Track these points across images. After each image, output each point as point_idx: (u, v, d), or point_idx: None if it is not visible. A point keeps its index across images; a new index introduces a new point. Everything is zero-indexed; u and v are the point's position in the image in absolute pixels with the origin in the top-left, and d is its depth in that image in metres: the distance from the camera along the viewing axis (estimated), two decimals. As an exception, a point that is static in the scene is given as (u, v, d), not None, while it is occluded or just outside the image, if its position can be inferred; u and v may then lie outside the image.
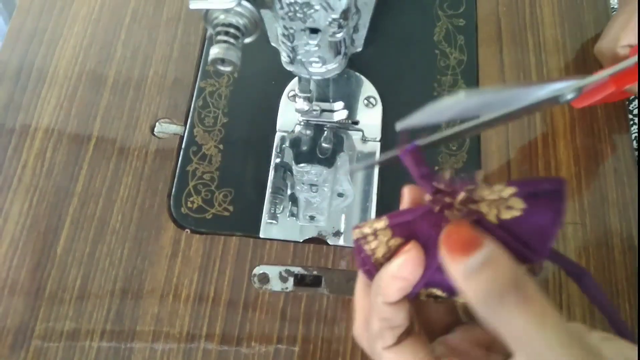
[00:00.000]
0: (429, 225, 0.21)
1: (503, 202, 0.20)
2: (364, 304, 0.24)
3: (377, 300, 0.22)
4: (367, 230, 0.22)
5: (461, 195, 0.20)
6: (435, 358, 0.22)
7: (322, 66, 0.35)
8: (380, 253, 0.22)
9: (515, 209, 0.20)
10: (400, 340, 0.22)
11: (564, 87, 0.20)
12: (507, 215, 0.20)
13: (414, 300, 0.23)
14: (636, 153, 0.45)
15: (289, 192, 0.43)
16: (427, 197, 0.21)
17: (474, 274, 0.18)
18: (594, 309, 0.39)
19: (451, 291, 0.22)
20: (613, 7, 0.52)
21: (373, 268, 0.23)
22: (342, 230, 0.42)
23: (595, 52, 0.44)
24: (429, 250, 0.21)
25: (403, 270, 0.21)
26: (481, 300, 0.18)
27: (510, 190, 0.20)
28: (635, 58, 0.24)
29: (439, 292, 0.22)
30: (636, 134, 0.48)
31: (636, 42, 0.40)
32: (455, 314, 0.25)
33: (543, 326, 0.18)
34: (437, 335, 0.24)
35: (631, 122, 0.47)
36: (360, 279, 0.25)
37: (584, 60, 0.48)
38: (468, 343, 0.22)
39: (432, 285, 0.22)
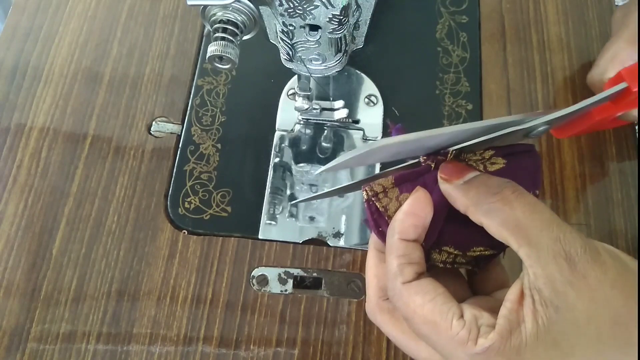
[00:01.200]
0: (431, 181, 0.24)
1: (486, 160, 0.24)
2: (377, 271, 0.26)
3: (394, 238, 0.23)
4: (377, 188, 0.24)
5: (451, 153, 0.24)
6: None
7: (322, 64, 0.35)
8: (392, 209, 0.24)
9: (498, 163, 0.24)
10: (419, 277, 0.23)
11: (523, 125, 0.23)
12: (492, 168, 0.24)
13: (430, 266, 0.24)
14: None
15: (288, 192, 0.42)
16: (422, 158, 0.24)
17: (469, 183, 0.22)
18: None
19: (461, 245, 0.24)
20: (617, 5, 0.51)
21: (386, 226, 0.24)
22: (342, 231, 0.41)
23: (588, 82, 0.42)
24: (435, 206, 0.23)
25: (414, 206, 0.23)
26: (478, 199, 0.22)
27: (490, 152, 0.24)
28: (614, 89, 0.26)
29: (451, 250, 0.24)
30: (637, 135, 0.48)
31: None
32: (465, 289, 0.27)
33: (533, 212, 0.21)
34: None
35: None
36: (372, 248, 0.27)
37: (588, 58, 0.47)
38: (486, 304, 0.24)
39: (443, 243, 0.24)
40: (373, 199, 0.24)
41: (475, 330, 0.21)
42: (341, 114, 0.42)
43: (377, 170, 0.43)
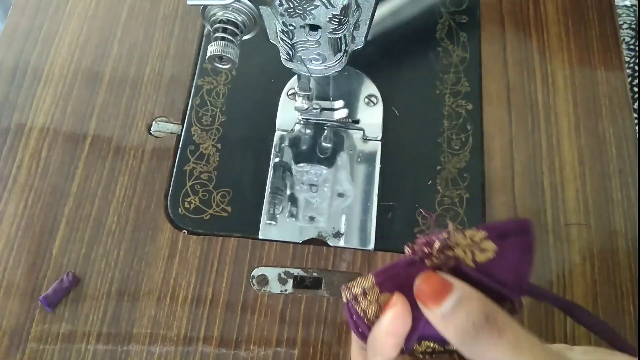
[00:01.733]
0: (414, 277, 0.22)
1: (476, 245, 0.22)
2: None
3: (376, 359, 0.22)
4: (356, 290, 0.23)
5: (437, 244, 0.22)
6: None
7: (322, 64, 0.34)
8: (371, 312, 0.23)
9: (488, 250, 0.22)
10: None
11: None
12: (482, 257, 0.22)
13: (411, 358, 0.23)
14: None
15: (288, 192, 0.42)
16: (407, 249, 0.23)
17: (449, 317, 0.20)
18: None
19: (443, 341, 0.22)
20: (617, 5, 0.51)
21: (366, 329, 0.23)
22: (342, 231, 0.41)
23: None
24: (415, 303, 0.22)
25: (394, 325, 0.22)
26: (460, 340, 0.20)
27: (481, 234, 0.22)
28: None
29: (432, 344, 0.23)
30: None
31: None
32: None
33: (519, 353, 0.19)
34: None
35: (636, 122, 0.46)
36: (355, 342, 0.26)
37: (588, 58, 0.47)
38: None
39: (425, 338, 0.23)
40: (352, 302, 0.23)
41: None
42: (341, 114, 0.42)
43: (377, 171, 0.43)
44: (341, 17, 0.29)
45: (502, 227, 0.22)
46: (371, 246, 0.40)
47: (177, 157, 0.43)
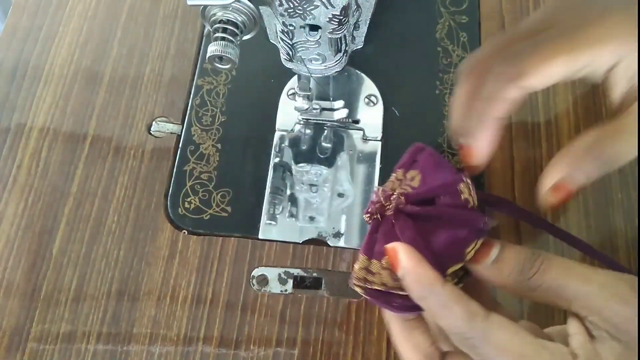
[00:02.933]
0: (389, 232, 0.24)
1: (405, 180, 0.26)
2: (416, 341, 0.24)
3: (444, 287, 0.23)
4: (360, 274, 0.24)
5: (380, 193, 0.25)
6: None
7: (322, 64, 0.35)
8: (387, 279, 0.23)
9: (414, 176, 0.25)
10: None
11: None
12: (415, 182, 0.25)
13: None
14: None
15: (288, 192, 0.42)
16: (365, 217, 0.25)
17: (499, 264, 0.24)
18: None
19: (456, 255, 0.24)
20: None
21: (397, 297, 0.24)
22: (342, 231, 0.41)
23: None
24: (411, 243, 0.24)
25: (411, 259, 0.23)
26: (520, 281, 0.23)
27: (399, 171, 0.26)
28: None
29: (454, 267, 0.24)
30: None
31: None
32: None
33: (571, 266, 0.23)
34: None
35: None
36: (394, 321, 0.25)
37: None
38: None
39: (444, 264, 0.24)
40: (366, 285, 0.24)
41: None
42: (341, 114, 0.42)
43: (377, 171, 0.43)
44: (341, 17, 0.29)
45: (407, 157, 0.26)
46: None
47: (177, 157, 0.43)
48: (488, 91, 0.26)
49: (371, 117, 0.44)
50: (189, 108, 0.45)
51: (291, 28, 0.30)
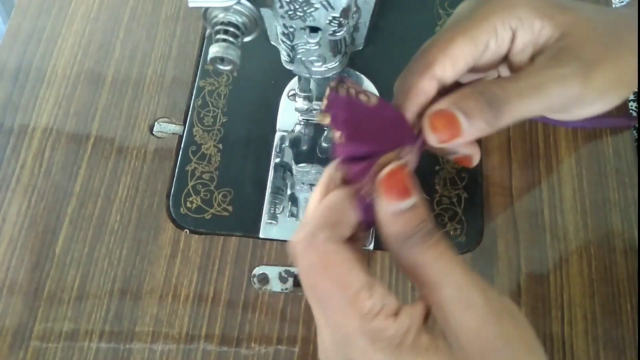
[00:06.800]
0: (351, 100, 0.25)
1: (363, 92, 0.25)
2: (334, 202, 0.23)
3: (331, 198, 0.23)
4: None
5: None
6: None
7: (322, 65, 0.35)
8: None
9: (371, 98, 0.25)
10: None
11: None
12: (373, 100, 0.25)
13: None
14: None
15: (288, 192, 0.43)
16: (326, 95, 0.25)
17: (398, 215, 0.22)
18: (595, 309, 0.39)
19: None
20: (615, 5, 0.51)
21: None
22: (342, 231, 0.41)
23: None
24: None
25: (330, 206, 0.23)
26: (401, 237, 0.21)
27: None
28: None
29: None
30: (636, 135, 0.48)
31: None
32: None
33: (447, 261, 0.21)
34: None
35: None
36: (321, 184, 0.25)
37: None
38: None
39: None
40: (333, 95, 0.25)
41: (378, 307, 0.21)
42: (341, 114, 0.42)
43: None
44: (341, 19, 0.30)
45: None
46: (371, 246, 0.41)
47: (179, 158, 0.44)
48: (406, 85, 0.27)
49: (371, 118, 0.45)
50: (190, 109, 0.46)
51: (291, 30, 0.31)
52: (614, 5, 0.51)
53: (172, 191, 0.43)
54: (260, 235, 0.41)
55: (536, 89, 0.25)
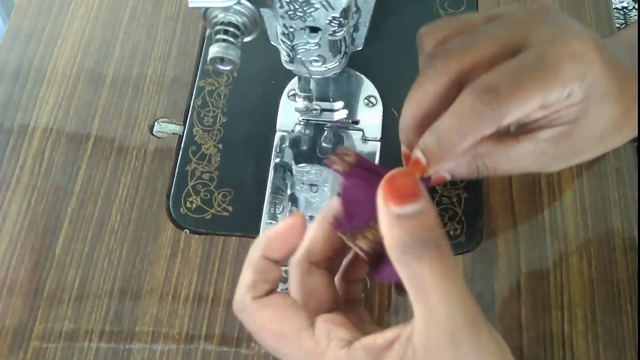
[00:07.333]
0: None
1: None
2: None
3: (257, 253, 0.23)
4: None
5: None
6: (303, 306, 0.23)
7: (322, 65, 0.35)
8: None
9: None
10: (269, 293, 0.23)
11: None
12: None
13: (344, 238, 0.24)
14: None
15: (288, 192, 0.43)
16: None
17: (402, 220, 0.20)
18: (595, 309, 0.39)
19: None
20: (615, 7, 0.51)
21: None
22: (342, 231, 0.41)
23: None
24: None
25: (288, 231, 0.23)
26: (401, 246, 0.20)
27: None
28: None
29: (367, 236, 0.23)
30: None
31: None
32: (337, 298, 0.26)
33: (444, 279, 0.20)
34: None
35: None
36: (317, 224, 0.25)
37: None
38: (343, 321, 0.23)
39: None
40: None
41: (325, 342, 0.21)
42: (341, 114, 0.42)
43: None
44: (341, 19, 0.30)
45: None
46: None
47: (179, 158, 0.44)
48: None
49: (370, 118, 0.45)
50: (190, 109, 0.46)
51: (291, 30, 0.31)
52: (613, 6, 0.51)
53: (172, 191, 0.43)
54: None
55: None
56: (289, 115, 0.44)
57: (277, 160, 0.43)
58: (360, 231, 0.24)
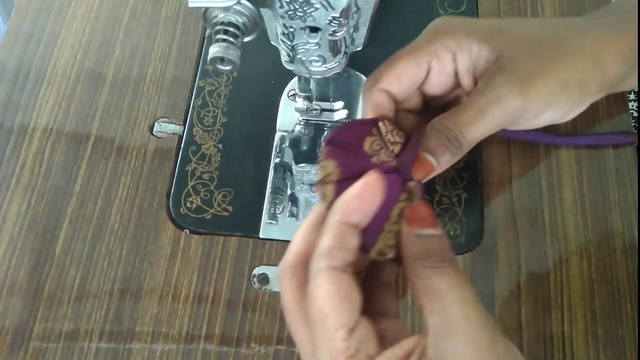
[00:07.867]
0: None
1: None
2: (309, 238, 0.24)
3: (335, 218, 0.23)
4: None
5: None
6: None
7: (322, 65, 0.35)
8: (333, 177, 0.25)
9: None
10: (345, 269, 0.23)
11: None
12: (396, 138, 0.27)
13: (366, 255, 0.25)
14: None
15: (288, 192, 0.43)
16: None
17: (423, 239, 0.23)
18: (595, 309, 0.39)
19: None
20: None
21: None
22: (342, 231, 0.41)
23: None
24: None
25: (365, 190, 0.23)
26: (421, 260, 0.22)
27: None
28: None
29: (390, 244, 0.24)
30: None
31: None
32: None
33: (460, 288, 0.21)
34: None
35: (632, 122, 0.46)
36: (316, 214, 0.26)
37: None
38: (372, 333, 0.23)
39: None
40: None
41: (352, 350, 0.21)
42: (341, 114, 0.42)
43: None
44: (341, 19, 0.30)
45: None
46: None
47: (179, 158, 0.44)
48: (365, 98, 0.31)
49: (371, 118, 0.45)
50: (190, 109, 0.46)
51: (291, 30, 0.31)
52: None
53: (172, 191, 0.43)
54: (260, 236, 0.41)
55: (480, 114, 0.28)
56: (289, 115, 0.44)
57: (277, 160, 0.43)
58: (383, 242, 0.24)
